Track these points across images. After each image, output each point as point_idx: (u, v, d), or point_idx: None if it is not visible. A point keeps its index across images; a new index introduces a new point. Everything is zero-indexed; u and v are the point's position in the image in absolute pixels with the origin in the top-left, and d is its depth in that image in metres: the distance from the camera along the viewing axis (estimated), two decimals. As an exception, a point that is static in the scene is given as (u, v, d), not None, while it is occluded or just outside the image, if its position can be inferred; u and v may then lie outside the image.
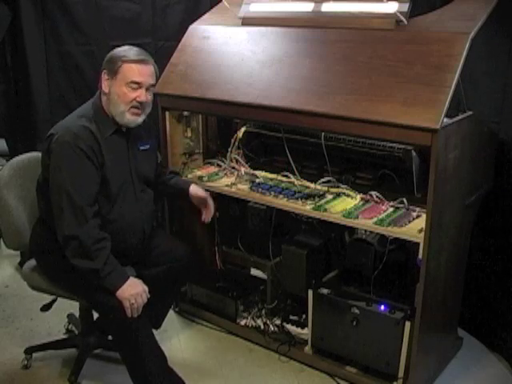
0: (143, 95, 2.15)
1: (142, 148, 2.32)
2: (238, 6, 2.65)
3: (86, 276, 2.07)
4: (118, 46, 2.21)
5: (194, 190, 2.49)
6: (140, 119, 2.20)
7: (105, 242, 2.07)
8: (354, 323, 2.33)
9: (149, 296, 2.11)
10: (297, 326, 2.66)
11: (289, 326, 2.67)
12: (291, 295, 2.68)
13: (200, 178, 2.64)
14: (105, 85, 2.16)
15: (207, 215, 2.54)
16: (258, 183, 2.51)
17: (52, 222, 2.12)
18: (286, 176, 2.56)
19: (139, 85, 2.14)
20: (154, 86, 2.21)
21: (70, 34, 3.09)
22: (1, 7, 2.94)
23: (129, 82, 2.12)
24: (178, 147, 2.78)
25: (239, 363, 2.59)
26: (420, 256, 2.08)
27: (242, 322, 2.75)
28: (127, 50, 2.17)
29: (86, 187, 2.08)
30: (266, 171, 2.66)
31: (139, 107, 2.16)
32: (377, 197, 2.35)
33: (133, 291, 2.06)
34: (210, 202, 2.53)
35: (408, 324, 2.21)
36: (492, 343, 2.65)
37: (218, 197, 2.77)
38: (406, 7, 2.20)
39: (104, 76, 2.16)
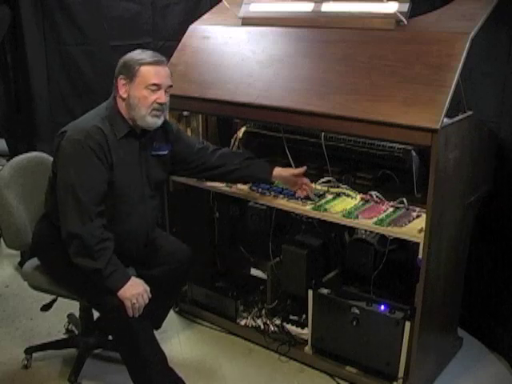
0: (163, 97, 2.13)
1: (155, 153, 2.28)
2: (237, 5, 2.65)
3: (87, 275, 2.07)
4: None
5: (279, 173, 2.39)
6: (160, 121, 2.17)
7: (108, 242, 2.07)
8: (354, 323, 2.33)
9: (150, 296, 2.11)
10: (297, 326, 2.66)
11: (289, 326, 2.66)
12: (291, 295, 2.68)
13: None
14: (123, 90, 2.13)
15: (306, 189, 2.37)
16: (258, 183, 2.51)
17: (57, 219, 2.12)
18: (286, 176, 2.55)
19: (158, 86, 2.12)
20: (171, 86, 2.18)
21: (69, 34, 3.09)
22: (1, 7, 2.95)
23: (148, 85, 2.11)
24: (178, 147, 2.78)
25: (239, 363, 2.59)
26: (420, 256, 2.08)
27: (242, 322, 2.75)
28: (141, 53, 2.15)
29: (93, 186, 2.07)
30: (266, 171, 2.66)
31: (160, 109, 2.14)
32: (377, 197, 2.35)
33: (134, 291, 2.06)
34: (304, 179, 2.39)
35: (408, 324, 2.20)
36: (492, 343, 2.65)
37: (218, 197, 2.78)
38: (406, 7, 2.20)
39: (120, 81, 2.13)
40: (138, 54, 2.15)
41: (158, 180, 2.33)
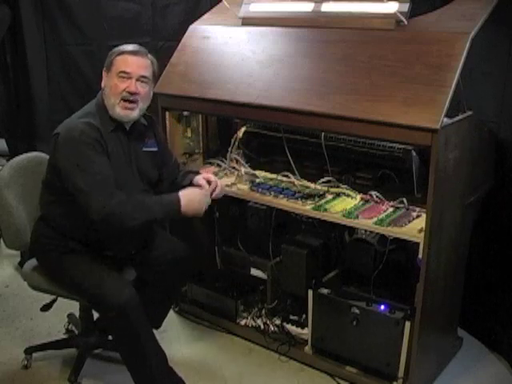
0: (133, 85, 2.09)
1: (147, 149, 2.29)
2: (237, 5, 2.65)
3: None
4: (118, 46, 2.21)
5: (196, 180, 2.40)
6: (134, 113, 2.14)
7: (133, 198, 2.06)
8: (354, 323, 2.33)
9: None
10: (297, 326, 2.66)
11: (289, 326, 2.67)
12: (291, 295, 2.68)
13: (200, 178, 2.63)
14: (103, 81, 2.17)
15: (215, 194, 2.39)
16: (258, 183, 2.51)
17: (53, 220, 2.11)
18: (286, 176, 2.56)
19: (128, 75, 2.10)
20: (147, 78, 2.15)
21: (70, 34, 3.10)
22: (1, 7, 2.95)
23: (118, 73, 2.10)
24: (178, 147, 2.78)
25: (239, 363, 2.58)
26: (420, 256, 2.08)
27: (242, 322, 2.75)
28: (123, 46, 2.17)
29: (101, 170, 2.04)
30: (265, 171, 2.66)
31: (130, 99, 2.11)
32: (377, 197, 2.35)
33: (194, 206, 2.13)
34: (213, 185, 2.39)
35: (408, 324, 2.20)
36: (492, 343, 2.65)
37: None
38: (406, 7, 2.20)
39: (103, 74, 2.18)
40: (119, 47, 2.17)
41: (150, 177, 2.32)
